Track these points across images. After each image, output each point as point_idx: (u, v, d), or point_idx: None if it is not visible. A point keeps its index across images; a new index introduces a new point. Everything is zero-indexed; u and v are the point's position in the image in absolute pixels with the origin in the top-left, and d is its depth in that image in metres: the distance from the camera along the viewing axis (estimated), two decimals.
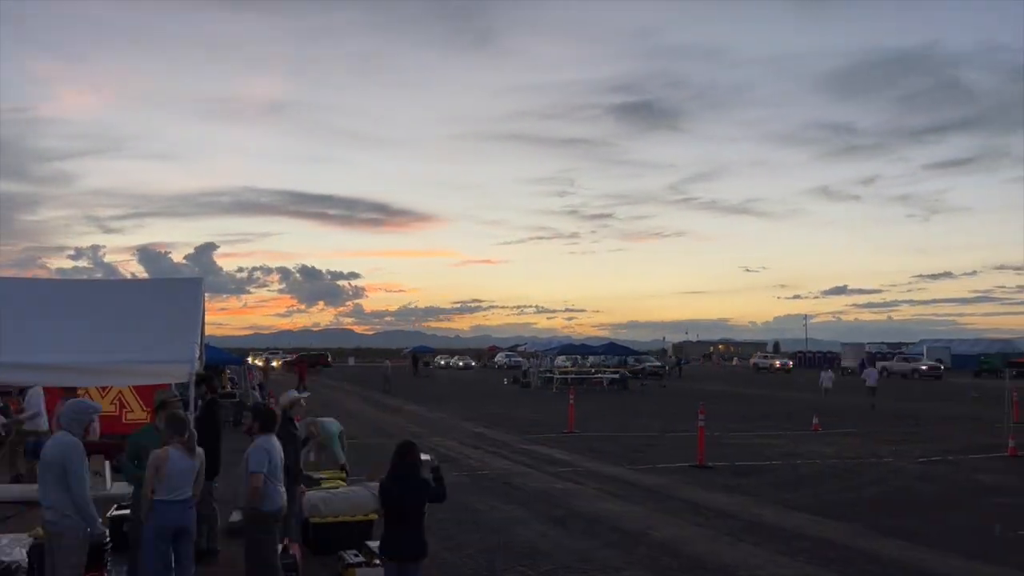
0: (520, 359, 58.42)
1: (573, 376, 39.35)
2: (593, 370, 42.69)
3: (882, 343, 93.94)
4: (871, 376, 31.85)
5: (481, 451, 16.18)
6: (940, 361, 52.06)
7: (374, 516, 8.07)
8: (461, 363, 78.61)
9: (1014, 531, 9.26)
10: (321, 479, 9.20)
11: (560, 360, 44.70)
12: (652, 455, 15.72)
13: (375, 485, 8.33)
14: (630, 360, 48.65)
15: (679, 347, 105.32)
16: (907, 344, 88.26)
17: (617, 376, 40.92)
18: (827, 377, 33.85)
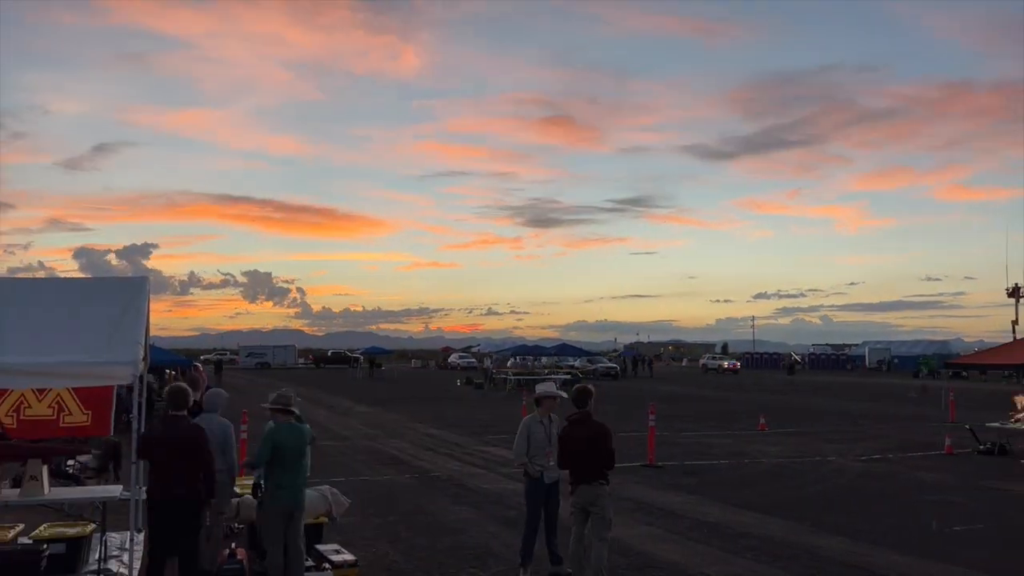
0: (474, 360, 58.39)
1: (526, 377, 39.48)
2: (546, 371, 42.89)
3: (827, 344, 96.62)
4: None
5: (433, 453, 16.13)
6: (882, 362, 53.58)
7: (324, 519, 7.98)
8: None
9: (950, 527, 9.60)
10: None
11: (512, 361, 44.84)
12: None
13: (326, 488, 8.25)
14: (581, 361, 49.06)
15: (640, 346, 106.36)
16: (851, 345, 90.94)
17: (569, 377, 41.21)
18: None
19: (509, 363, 45.94)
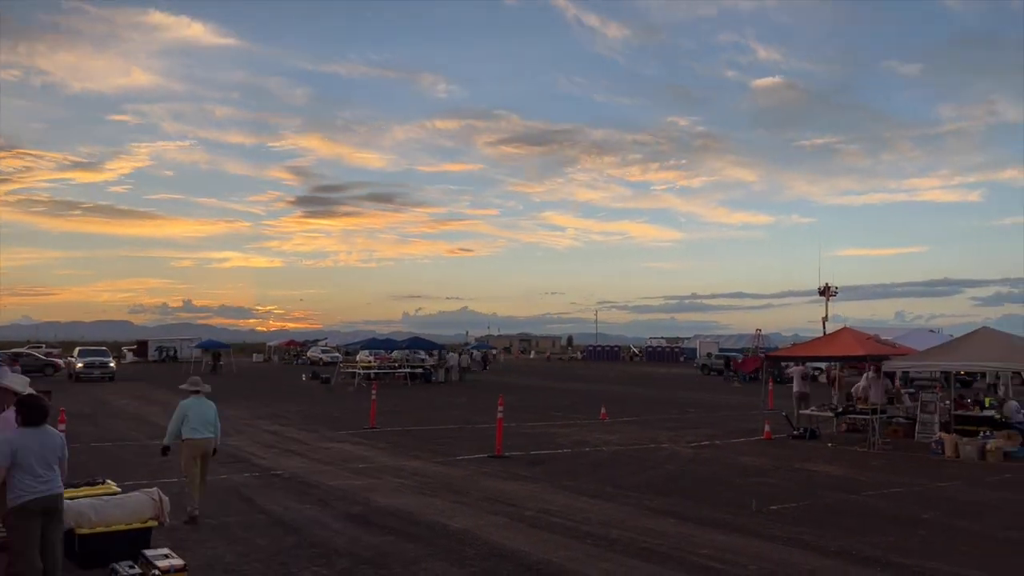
0: (337, 354, 56.59)
1: (376, 371, 38.93)
2: (397, 364, 42.49)
3: (662, 338, 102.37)
4: None
5: (275, 450, 15.54)
6: (710, 355, 57.36)
7: (153, 523, 7.49)
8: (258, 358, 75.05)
9: (767, 506, 10.47)
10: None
11: (363, 354, 44.04)
12: (452, 447, 15.95)
13: (154, 491, 7.73)
14: (431, 355, 48.95)
15: (491, 339, 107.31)
16: (684, 339, 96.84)
17: (420, 371, 41.08)
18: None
19: (359, 357, 45.03)
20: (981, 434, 15.80)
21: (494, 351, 70.39)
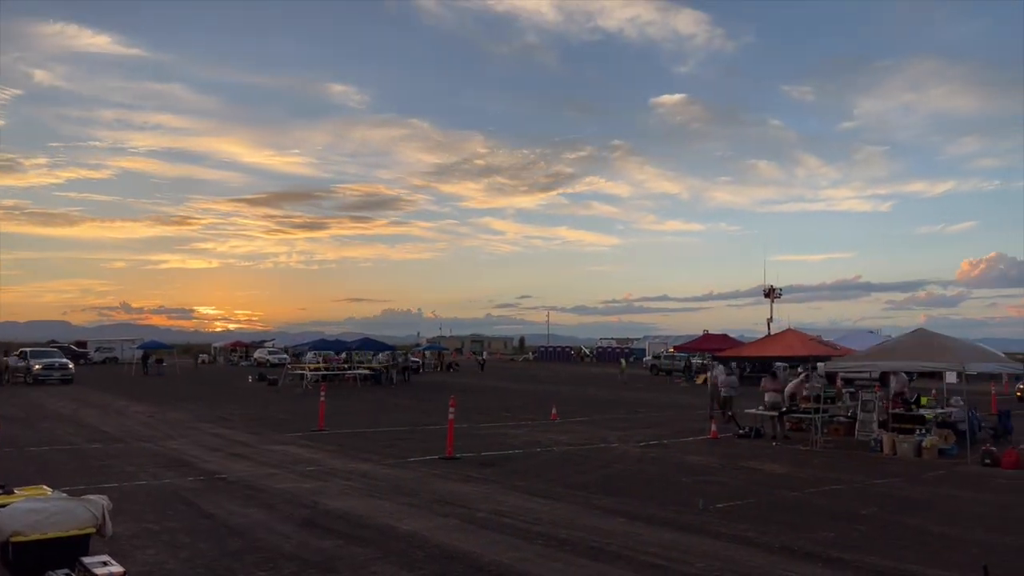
0: (285, 356, 55.64)
1: (325, 372, 38.43)
2: (347, 366, 42.04)
3: (612, 339, 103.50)
4: None
5: (220, 453, 15.21)
6: (659, 355, 58.12)
7: (91, 530, 7.25)
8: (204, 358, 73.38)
9: (714, 504, 10.66)
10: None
11: (310, 356, 43.46)
12: (402, 449, 15.84)
13: (94, 497, 7.49)
14: (383, 355, 48.54)
15: (443, 340, 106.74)
16: (634, 339, 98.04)
17: (371, 372, 40.70)
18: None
19: (308, 357, 44.42)
20: (917, 432, 16.36)
21: (446, 351, 70.14)
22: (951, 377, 23.51)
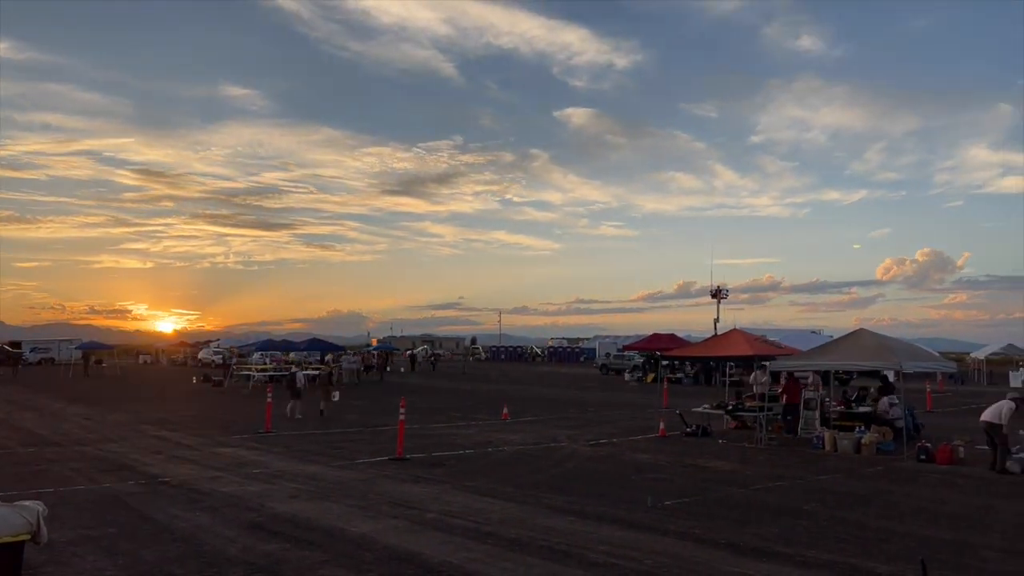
0: (231, 356, 54.44)
1: (272, 373, 37.75)
2: (293, 367, 41.35)
3: (563, 339, 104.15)
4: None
5: (163, 456, 14.82)
6: (608, 355, 58.69)
7: (26, 537, 6.99)
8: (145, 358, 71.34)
9: (662, 502, 10.81)
10: None
11: (256, 356, 42.69)
12: (351, 450, 15.67)
13: (29, 503, 7.22)
14: (333, 356, 47.94)
15: (394, 340, 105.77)
16: (584, 339, 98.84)
17: (319, 373, 40.09)
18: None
19: (255, 358, 43.58)
20: (857, 429, 16.85)
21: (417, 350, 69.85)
22: (889, 376, 24.27)
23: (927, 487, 12.44)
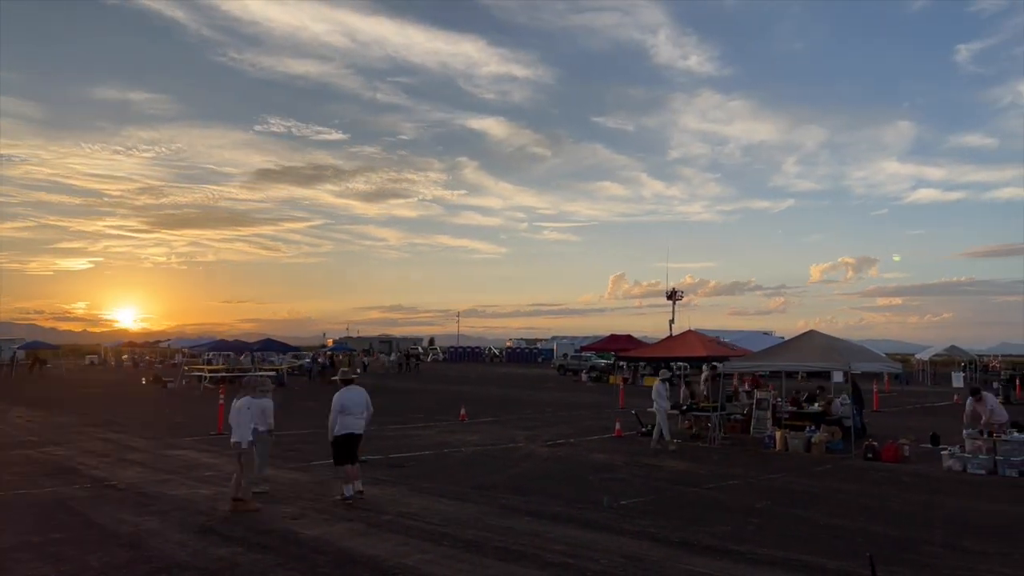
0: (182, 357, 53.26)
1: (225, 374, 37.09)
2: (251, 367, 40.71)
3: (521, 340, 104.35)
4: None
5: (110, 460, 14.44)
6: (566, 356, 58.99)
7: None
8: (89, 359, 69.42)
9: (618, 502, 10.90)
10: None
11: (209, 356, 41.89)
12: (306, 452, 15.47)
13: None
14: (285, 357, 47.36)
15: (350, 341, 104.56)
16: (541, 340, 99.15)
17: (274, 374, 39.58)
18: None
19: (206, 359, 42.80)
20: (807, 429, 17.22)
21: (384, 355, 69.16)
22: (838, 376, 24.87)
23: (874, 485, 12.77)
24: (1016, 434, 14.61)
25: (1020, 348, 54.04)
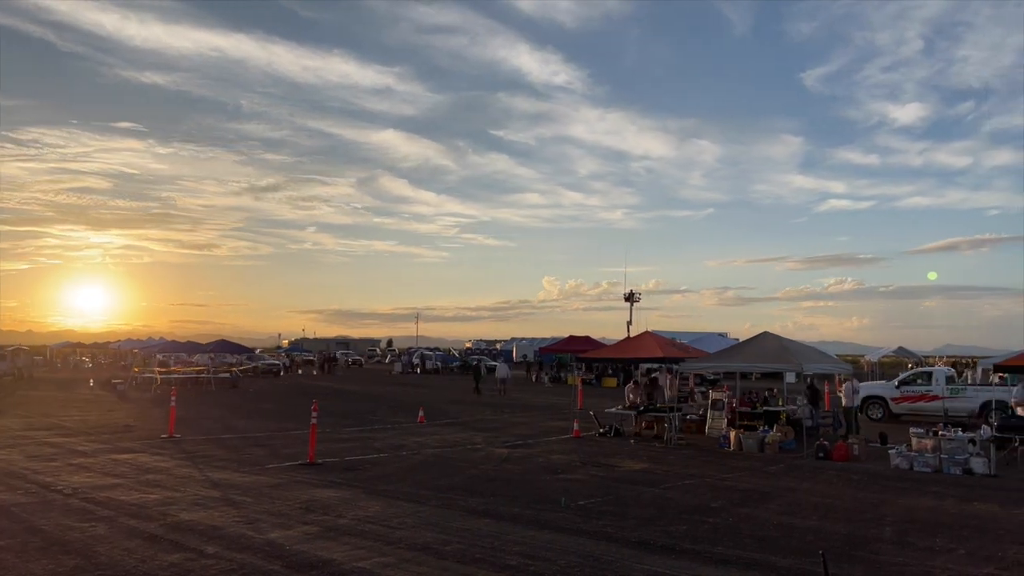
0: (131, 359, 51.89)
1: (177, 375, 36.31)
2: (203, 369, 39.94)
3: (481, 340, 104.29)
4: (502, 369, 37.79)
5: (56, 464, 14.00)
6: (525, 357, 59.21)
7: None
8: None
9: (576, 502, 10.94)
10: None
11: (160, 358, 40.99)
12: (261, 455, 15.21)
13: None
14: (241, 358, 46.59)
15: (307, 343, 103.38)
16: (500, 341, 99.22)
17: (228, 375, 38.90)
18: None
19: (157, 360, 41.78)
20: (760, 429, 17.53)
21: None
22: (790, 377, 25.37)
23: (825, 483, 13.04)
24: (960, 433, 15.09)
25: (962, 349, 55.84)
